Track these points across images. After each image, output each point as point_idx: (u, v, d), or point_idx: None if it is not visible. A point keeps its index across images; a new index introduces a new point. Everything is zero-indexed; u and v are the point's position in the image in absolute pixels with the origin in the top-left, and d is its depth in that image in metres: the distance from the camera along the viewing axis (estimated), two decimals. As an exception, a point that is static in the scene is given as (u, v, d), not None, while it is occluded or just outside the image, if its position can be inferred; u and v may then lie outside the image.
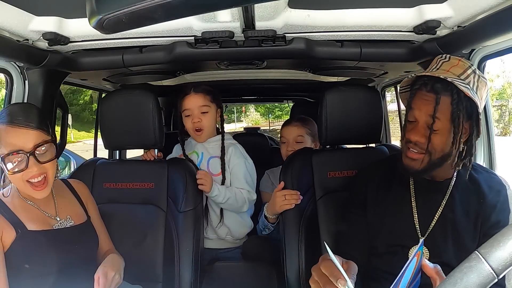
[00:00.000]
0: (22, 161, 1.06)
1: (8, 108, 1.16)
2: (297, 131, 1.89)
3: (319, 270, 0.79)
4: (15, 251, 1.07)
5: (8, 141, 1.05)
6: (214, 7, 0.59)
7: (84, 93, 5.19)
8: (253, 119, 23.14)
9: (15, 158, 1.06)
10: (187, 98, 1.71)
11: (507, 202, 1.12)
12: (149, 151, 1.68)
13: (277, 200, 1.52)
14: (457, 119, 1.03)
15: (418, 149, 1.08)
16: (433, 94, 1.04)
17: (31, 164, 1.06)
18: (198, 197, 1.56)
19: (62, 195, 1.27)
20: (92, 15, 0.49)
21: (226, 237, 1.76)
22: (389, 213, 1.18)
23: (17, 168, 1.06)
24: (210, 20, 1.18)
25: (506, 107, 15.22)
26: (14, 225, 1.08)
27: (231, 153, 1.72)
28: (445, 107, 1.03)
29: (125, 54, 1.48)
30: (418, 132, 1.08)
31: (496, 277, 0.47)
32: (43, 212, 1.18)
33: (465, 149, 1.09)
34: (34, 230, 1.11)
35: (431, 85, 1.05)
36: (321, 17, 1.23)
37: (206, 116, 1.70)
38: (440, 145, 1.06)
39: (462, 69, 1.07)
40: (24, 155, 1.06)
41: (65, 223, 1.20)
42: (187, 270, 1.46)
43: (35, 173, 1.07)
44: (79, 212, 1.27)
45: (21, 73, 1.47)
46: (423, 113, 1.06)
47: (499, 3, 0.98)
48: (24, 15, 1.15)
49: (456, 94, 1.02)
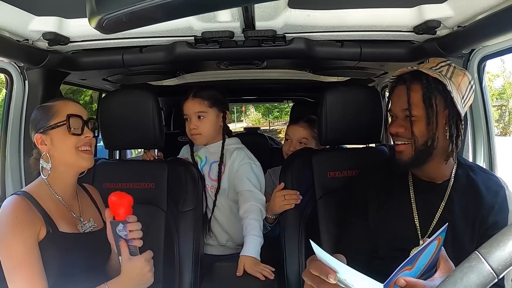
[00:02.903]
0: (78, 128, 1.18)
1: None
2: (302, 132, 1.85)
3: (309, 274, 0.79)
4: (43, 249, 1.09)
5: (69, 108, 1.19)
6: (214, 7, 0.59)
7: (84, 93, 5.16)
8: (253, 119, 23.13)
9: (74, 121, 1.18)
10: (186, 103, 1.69)
11: (505, 202, 1.12)
12: (149, 151, 1.68)
13: (276, 200, 1.52)
14: (428, 101, 1.08)
15: (402, 140, 1.13)
16: (403, 84, 1.11)
17: (86, 130, 1.20)
18: (198, 197, 1.56)
19: (83, 197, 1.30)
20: (92, 15, 0.50)
21: (227, 243, 1.74)
22: (390, 215, 1.18)
23: (76, 131, 1.17)
24: (210, 20, 1.18)
25: (506, 107, 15.21)
26: (47, 223, 1.11)
27: (235, 157, 1.67)
28: (417, 94, 1.09)
29: (125, 54, 1.48)
30: (397, 123, 1.14)
31: (496, 277, 0.47)
32: (70, 211, 1.21)
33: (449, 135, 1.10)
34: (65, 232, 1.14)
35: (402, 77, 1.13)
36: (321, 17, 1.23)
37: (203, 121, 1.66)
38: (420, 131, 1.10)
39: (436, 63, 1.14)
40: (81, 121, 1.19)
41: (88, 225, 1.23)
42: (187, 270, 1.46)
43: (87, 140, 1.19)
44: (98, 217, 1.29)
45: (21, 73, 1.48)
46: (398, 106, 1.13)
47: (499, 3, 0.98)
48: (24, 15, 1.15)
49: (425, 79, 1.09)
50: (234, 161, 1.66)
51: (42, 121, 1.18)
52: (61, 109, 1.18)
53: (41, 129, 1.17)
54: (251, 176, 1.63)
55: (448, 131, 1.10)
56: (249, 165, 1.66)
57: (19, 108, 1.49)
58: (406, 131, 1.11)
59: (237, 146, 1.72)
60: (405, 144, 1.13)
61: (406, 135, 1.12)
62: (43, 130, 1.17)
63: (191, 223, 1.50)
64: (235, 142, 1.74)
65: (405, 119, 1.12)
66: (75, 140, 1.17)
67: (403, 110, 1.12)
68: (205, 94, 1.67)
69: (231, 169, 1.66)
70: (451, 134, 1.10)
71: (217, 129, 1.70)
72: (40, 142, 1.17)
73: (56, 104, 1.20)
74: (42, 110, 1.20)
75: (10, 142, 1.49)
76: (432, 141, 1.09)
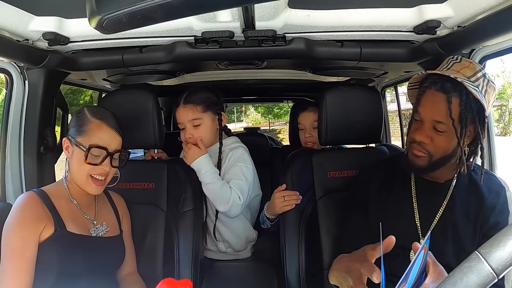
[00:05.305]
0: (99, 157, 1.16)
1: (100, 109, 1.27)
2: (313, 116, 1.88)
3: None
4: (48, 247, 1.11)
5: (99, 135, 1.17)
6: (214, 7, 0.59)
7: (84, 93, 5.19)
8: (253, 119, 23.13)
9: (97, 151, 1.16)
10: (178, 111, 1.60)
11: (506, 203, 1.12)
12: (148, 151, 1.68)
13: (276, 201, 1.52)
14: (464, 121, 1.03)
15: (422, 150, 1.09)
16: (443, 93, 1.04)
17: (106, 163, 1.17)
18: (198, 197, 1.56)
19: (103, 202, 1.32)
20: (92, 15, 0.49)
21: (227, 249, 1.74)
22: (391, 214, 1.18)
23: (93, 161, 1.16)
24: (210, 20, 1.18)
25: (506, 107, 15.21)
26: (55, 222, 1.13)
27: (229, 158, 1.62)
28: (455, 108, 1.03)
29: (125, 54, 1.48)
30: (423, 132, 1.08)
31: (496, 277, 0.47)
32: (83, 214, 1.22)
33: (468, 152, 1.09)
34: (72, 232, 1.15)
35: (441, 84, 1.05)
36: (321, 17, 1.23)
37: (199, 128, 1.57)
38: (443, 146, 1.07)
39: (473, 72, 1.07)
40: (104, 153, 1.17)
41: (100, 229, 1.24)
42: (187, 270, 1.46)
43: (102, 172, 1.17)
44: (114, 223, 1.30)
45: (21, 73, 1.47)
46: (431, 113, 1.07)
47: (499, 3, 0.98)
48: (24, 15, 1.15)
49: (465, 95, 1.02)
50: (228, 161, 1.62)
51: (73, 130, 1.19)
52: (91, 132, 1.17)
53: (70, 137, 1.19)
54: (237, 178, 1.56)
55: (467, 146, 1.08)
56: (238, 167, 1.58)
57: (19, 108, 1.49)
58: (431, 143, 1.07)
59: (232, 146, 1.65)
60: (423, 153, 1.09)
61: (428, 148, 1.08)
62: (71, 140, 1.19)
63: (191, 223, 1.50)
64: (231, 142, 1.67)
65: (432, 130, 1.07)
66: (89, 167, 1.16)
67: (435, 121, 1.06)
68: (197, 99, 1.58)
69: (226, 169, 1.61)
70: (471, 150, 1.09)
71: (215, 132, 1.63)
72: (65, 147, 1.19)
73: (92, 122, 1.18)
74: (80, 118, 1.19)
75: (10, 142, 1.48)
76: (451, 157, 1.08)
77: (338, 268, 1.02)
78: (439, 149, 1.07)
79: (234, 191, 1.51)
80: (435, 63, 1.27)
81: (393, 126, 3.69)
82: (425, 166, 1.10)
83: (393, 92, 2.80)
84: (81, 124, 1.18)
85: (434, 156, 1.08)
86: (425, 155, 1.09)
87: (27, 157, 1.49)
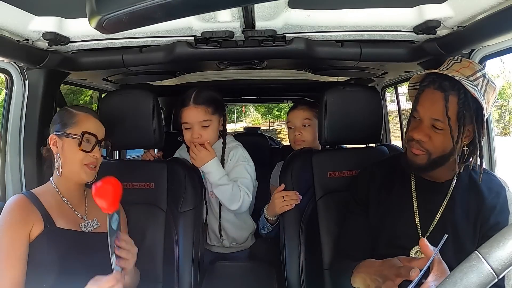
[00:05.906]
0: (90, 144, 1.23)
1: (81, 106, 1.37)
2: (303, 114, 1.81)
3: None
4: (39, 244, 1.13)
5: (87, 125, 1.24)
6: (214, 7, 0.59)
7: (84, 93, 5.19)
8: (253, 119, 23.14)
9: (89, 137, 1.23)
10: (186, 111, 1.58)
11: (506, 204, 1.12)
12: (148, 151, 1.68)
13: (276, 201, 1.51)
14: (462, 119, 1.03)
15: (420, 148, 1.10)
16: (441, 92, 1.05)
17: (96, 150, 1.23)
18: (198, 197, 1.56)
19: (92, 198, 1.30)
20: (92, 15, 0.49)
21: (231, 244, 1.77)
22: (391, 214, 1.18)
23: (86, 148, 1.22)
24: (210, 20, 1.18)
25: (506, 107, 15.21)
26: (44, 219, 1.15)
27: (231, 157, 1.65)
28: (453, 107, 1.04)
29: (125, 54, 1.48)
30: (422, 131, 1.09)
31: (496, 277, 0.47)
32: (74, 211, 1.24)
33: (467, 152, 1.09)
34: (62, 228, 1.17)
35: (439, 82, 1.06)
36: (321, 17, 1.23)
37: (207, 130, 1.59)
38: (441, 145, 1.07)
39: (472, 71, 1.07)
40: (95, 140, 1.24)
41: (91, 224, 1.25)
42: (187, 270, 1.46)
43: (93, 160, 1.23)
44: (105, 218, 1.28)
45: (21, 73, 1.47)
46: (429, 112, 1.07)
47: (499, 3, 0.98)
48: (24, 15, 1.15)
49: (463, 94, 1.03)
50: (230, 161, 1.66)
51: (61, 125, 1.24)
52: (81, 122, 1.24)
53: (57, 132, 1.24)
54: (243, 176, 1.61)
55: (466, 145, 1.09)
56: (243, 167, 1.63)
57: (19, 108, 1.49)
58: (429, 141, 1.08)
59: (232, 145, 1.70)
60: (422, 151, 1.10)
61: (427, 146, 1.08)
62: (59, 134, 1.23)
63: (190, 223, 1.50)
64: (229, 141, 1.71)
65: (431, 128, 1.08)
66: (82, 155, 1.22)
67: (433, 119, 1.07)
68: (207, 100, 1.58)
69: (228, 169, 1.64)
70: (470, 150, 1.09)
71: (218, 132, 1.67)
72: (53, 143, 1.24)
73: (79, 115, 1.25)
74: (65, 114, 1.26)
75: (10, 142, 1.48)
76: (449, 156, 1.08)
77: (369, 272, 1.01)
78: (438, 148, 1.07)
79: (243, 189, 1.57)
80: (435, 63, 1.27)
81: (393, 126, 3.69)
82: (423, 164, 1.10)
83: (393, 92, 2.80)
84: (69, 118, 1.24)
85: (432, 154, 1.08)
86: (423, 154, 1.09)
87: (27, 157, 1.49)
